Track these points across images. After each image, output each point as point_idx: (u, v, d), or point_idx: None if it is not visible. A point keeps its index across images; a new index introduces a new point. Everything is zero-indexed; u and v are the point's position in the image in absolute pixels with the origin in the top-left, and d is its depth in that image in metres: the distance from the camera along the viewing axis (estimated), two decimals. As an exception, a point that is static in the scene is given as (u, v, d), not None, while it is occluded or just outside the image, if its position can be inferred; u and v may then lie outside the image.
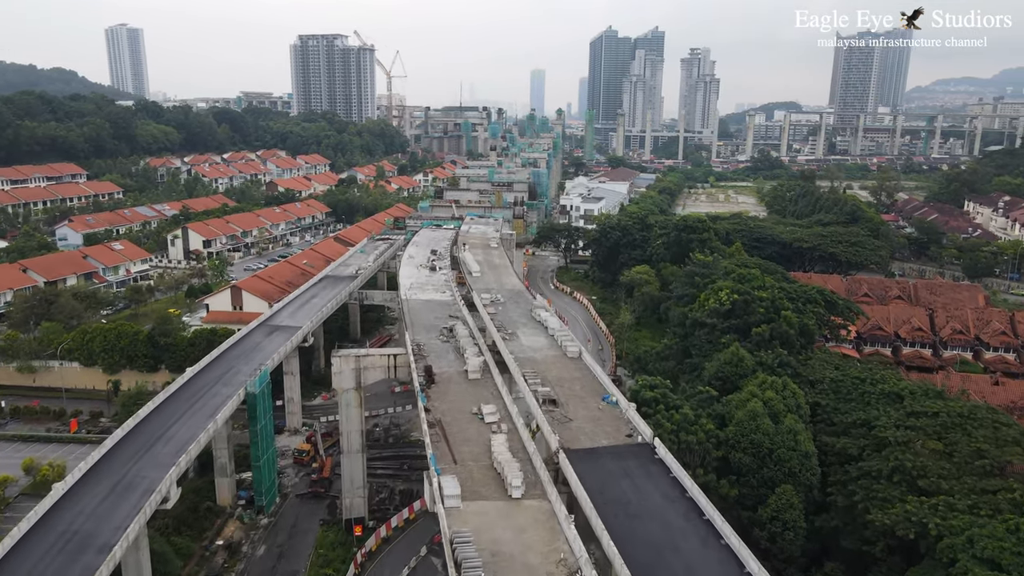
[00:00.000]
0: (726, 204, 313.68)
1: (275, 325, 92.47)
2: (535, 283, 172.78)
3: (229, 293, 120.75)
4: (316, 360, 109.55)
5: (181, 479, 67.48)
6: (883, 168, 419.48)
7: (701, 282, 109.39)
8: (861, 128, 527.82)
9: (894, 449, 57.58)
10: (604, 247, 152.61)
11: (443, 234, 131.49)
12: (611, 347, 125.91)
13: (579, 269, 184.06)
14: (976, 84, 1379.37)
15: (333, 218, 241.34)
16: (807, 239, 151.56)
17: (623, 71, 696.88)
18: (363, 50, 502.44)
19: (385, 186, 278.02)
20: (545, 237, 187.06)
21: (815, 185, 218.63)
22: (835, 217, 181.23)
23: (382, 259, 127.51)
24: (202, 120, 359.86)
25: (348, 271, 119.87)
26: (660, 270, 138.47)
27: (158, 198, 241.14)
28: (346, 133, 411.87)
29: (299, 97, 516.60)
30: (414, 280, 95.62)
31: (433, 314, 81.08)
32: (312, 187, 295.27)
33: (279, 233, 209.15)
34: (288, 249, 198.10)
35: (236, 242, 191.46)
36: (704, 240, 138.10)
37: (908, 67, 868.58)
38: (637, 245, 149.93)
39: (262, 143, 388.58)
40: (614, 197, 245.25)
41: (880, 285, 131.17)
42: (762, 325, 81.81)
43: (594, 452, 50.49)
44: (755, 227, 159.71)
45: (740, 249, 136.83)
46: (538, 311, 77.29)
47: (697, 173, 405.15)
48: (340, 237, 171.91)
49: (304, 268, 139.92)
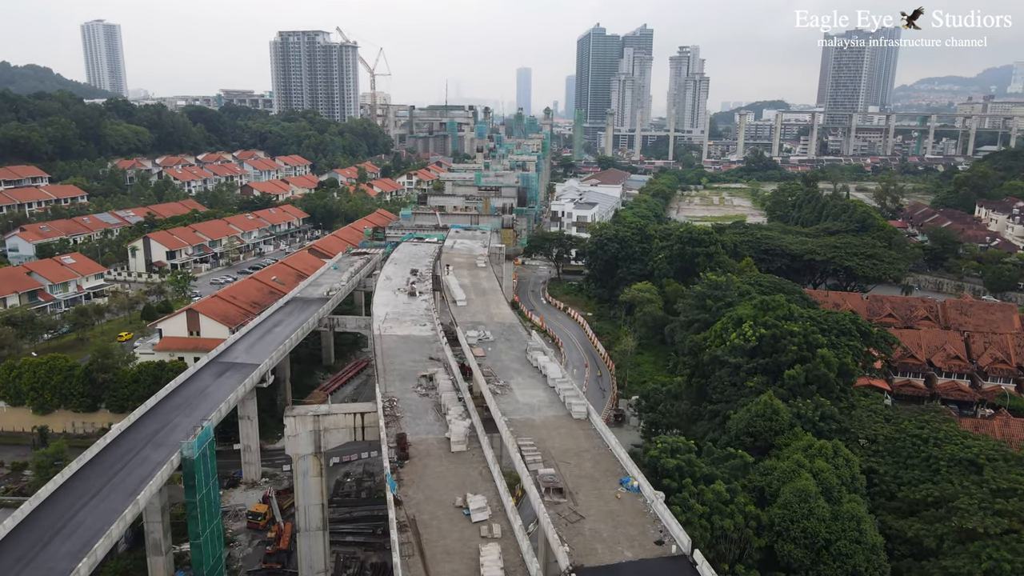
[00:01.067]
0: (721, 208, 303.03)
1: (229, 362, 79.66)
2: (525, 296, 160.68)
3: (185, 317, 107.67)
4: (280, 394, 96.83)
5: (107, 557, 55.20)
6: (886, 171, 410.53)
7: (714, 306, 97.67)
8: (854, 128, 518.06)
9: (985, 544, 45.84)
10: (600, 260, 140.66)
11: (425, 249, 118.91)
12: (611, 374, 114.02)
13: (572, 280, 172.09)
14: (960, 83, 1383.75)
15: (311, 224, 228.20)
16: (819, 251, 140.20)
17: (611, 70, 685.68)
18: (345, 47, 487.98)
19: (367, 190, 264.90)
20: (536, 247, 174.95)
21: (818, 189, 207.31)
22: (843, 225, 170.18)
23: (357, 277, 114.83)
24: (176, 120, 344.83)
25: (319, 292, 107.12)
26: (663, 287, 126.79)
27: (125, 203, 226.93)
28: (327, 133, 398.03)
29: (279, 96, 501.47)
30: (390, 309, 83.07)
31: (411, 355, 68.61)
32: (290, 190, 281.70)
33: (252, 242, 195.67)
34: (261, 260, 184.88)
35: (203, 252, 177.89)
36: (711, 254, 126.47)
37: (896, 66, 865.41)
38: (636, 258, 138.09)
39: (240, 143, 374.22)
40: (607, 202, 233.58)
41: (904, 305, 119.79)
42: (795, 366, 69.93)
43: (616, 571, 38.26)
44: (763, 238, 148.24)
45: (751, 265, 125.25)
46: (535, 354, 64.96)
47: (689, 175, 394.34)
48: (315, 248, 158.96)
49: (272, 286, 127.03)
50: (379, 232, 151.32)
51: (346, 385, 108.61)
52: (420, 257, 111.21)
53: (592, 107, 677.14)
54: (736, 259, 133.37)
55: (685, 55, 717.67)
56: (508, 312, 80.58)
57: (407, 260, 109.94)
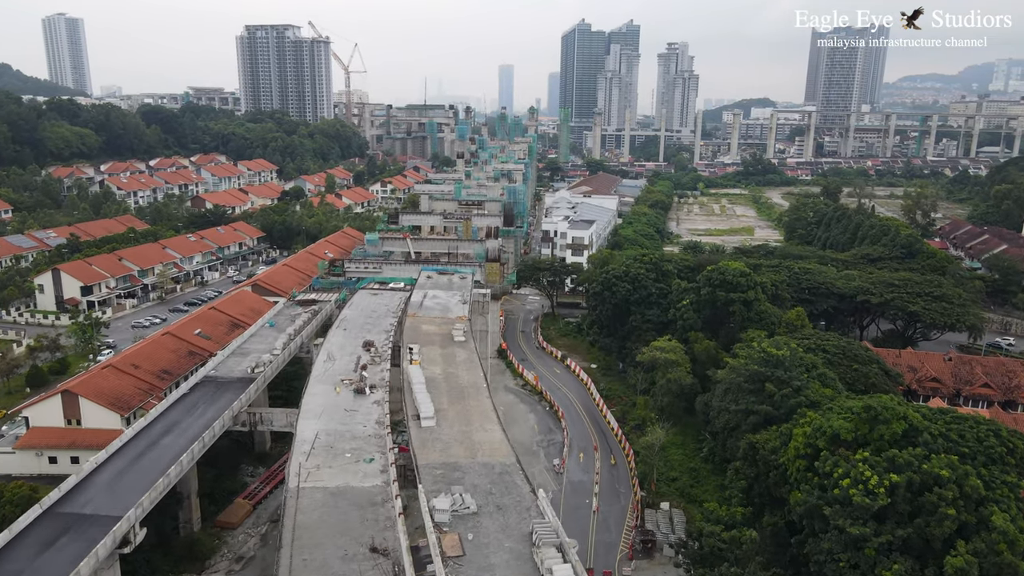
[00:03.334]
0: (724, 218, 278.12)
1: (73, 514, 52.42)
2: (514, 339, 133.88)
3: (60, 400, 79.99)
4: (185, 515, 69.55)
5: None
6: (890, 174, 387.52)
7: (777, 394, 71.51)
8: (852, 129, 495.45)
9: None
10: (608, 304, 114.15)
11: (387, 303, 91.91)
12: (629, 465, 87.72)
13: (569, 317, 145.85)
14: (942, 80, 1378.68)
15: (267, 243, 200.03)
16: (875, 290, 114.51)
17: (597, 67, 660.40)
18: (317, 43, 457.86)
19: (334, 202, 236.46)
20: (527, 277, 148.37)
21: (845, 206, 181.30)
22: (885, 250, 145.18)
23: (297, 341, 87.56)
24: (127, 121, 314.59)
25: (242, 366, 79.86)
26: (690, 342, 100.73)
27: (53, 219, 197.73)
28: (296, 135, 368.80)
29: (247, 94, 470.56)
30: (324, 424, 56.20)
31: (341, 540, 41.86)
32: (249, 201, 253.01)
33: (193, 268, 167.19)
34: (202, 292, 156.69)
35: (131, 285, 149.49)
36: (749, 301, 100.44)
37: (885, 64, 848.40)
38: (653, 302, 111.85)
39: (200, 146, 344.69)
40: (603, 216, 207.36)
41: (999, 370, 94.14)
42: (958, 543, 43.83)
43: None
44: (802, 273, 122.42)
45: (802, 317, 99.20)
46: (546, 553, 38.18)
47: (684, 179, 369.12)
48: (261, 284, 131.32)
49: (194, 343, 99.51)
50: (336, 267, 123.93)
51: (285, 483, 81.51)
52: (379, 317, 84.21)
53: (578, 105, 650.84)
54: (777, 303, 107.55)
55: (673, 52, 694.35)
56: (499, 438, 53.72)
57: (362, 321, 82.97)
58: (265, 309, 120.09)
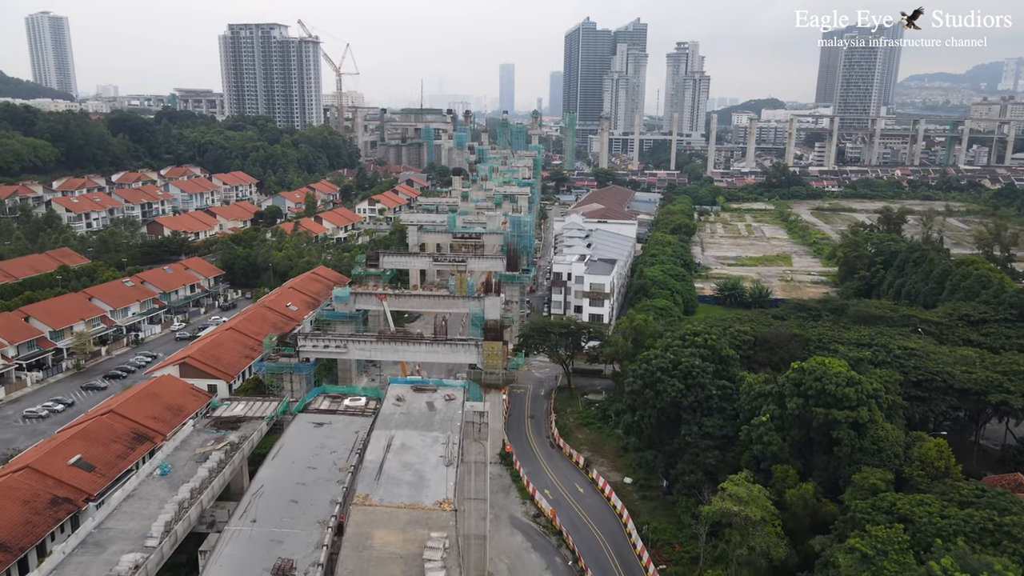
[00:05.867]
0: (752, 241, 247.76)
1: None
2: (521, 434, 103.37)
3: None
4: None
5: None
6: (924, 187, 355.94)
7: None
8: (878, 134, 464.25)
9: None
10: (652, 408, 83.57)
11: (333, 449, 61.36)
12: None
13: (589, 389, 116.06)
14: (950, 79, 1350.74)
15: (228, 282, 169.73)
16: (1013, 387, 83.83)
17: (603, 67, 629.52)
18: (306, 43, 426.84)
19: (311, 228, 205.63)
20: (535, 343, 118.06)
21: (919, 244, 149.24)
22: (989, 310, 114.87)
23: (195, 509, 56.81)
24: (90, 130, 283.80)
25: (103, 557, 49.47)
26: (774, 480, 70.50)
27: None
28: (279, 144, 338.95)
29: (231, 98, 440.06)
30: None
31: None
32: (217, 225, 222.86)
33: (127, 323, 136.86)
34: (133, 355, 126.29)
35: (41, 349, 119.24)
36: (861, 425, 70.10)
37: (899, 64, 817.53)
38: (714, 407, 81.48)
39: (174, 157, 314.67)
40: (622, 247, 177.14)
41: None
42: None
43: None
44: (905, 356, 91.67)
45: (944, 452, 68.63)
46: None
47: (702, 192, 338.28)
48: (192, 363, 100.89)
49: (59, 486, 68.94)
50: (287, 345, 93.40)
51: None
52: (314, 487, 53.77)
53: (583, 107, 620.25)
54: (890, 416, 76.96)
55: (683, 52, 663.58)
56: None
57: (286, 496, 52.39)
58: (190, 407, 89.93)
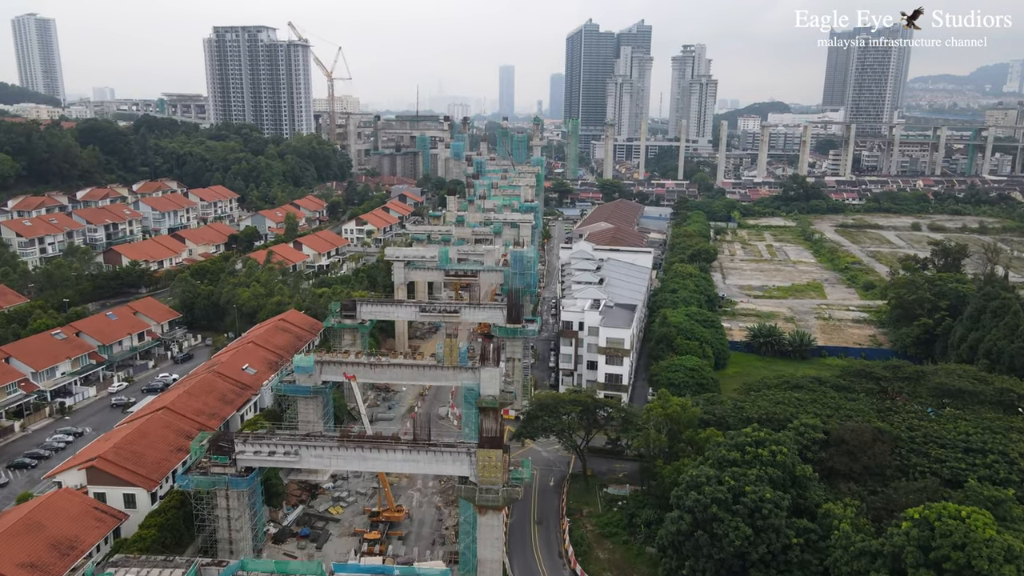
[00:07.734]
0: (776, 265, 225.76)
1: None
2: (526, 550, 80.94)
3: None
4: None
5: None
6: (952, 199, 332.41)
7: None
8: (897, 142, 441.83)
9: None
10: (707, 559, 61.31)
11: None
12: None
13: (610, 477, 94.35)
14: (955, 81, 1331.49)
15: (186, 326, 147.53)
16: None
17: (606, 70, 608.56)
18: (295, 46, 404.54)
19: (287, 257, 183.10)
20: (545, 423, 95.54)
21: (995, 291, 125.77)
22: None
23: None
24: (56, 143, 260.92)
25: None
26: None
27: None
28: (264, 155, 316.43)
29: (216, 105, 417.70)
30: None
31: None
32: (186, 251, 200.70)
33: (53, 387, 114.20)
34: (52, 433, 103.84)
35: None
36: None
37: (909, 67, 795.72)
38: (793, 562, 59.25)
39: (150, 170, 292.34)
40: (638, 280, 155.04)
41: None
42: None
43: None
44: None
45: None
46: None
47: (715, 207, 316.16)
48: (102, 465, 78.41)
49: None
50: (221, 453, 70.93)
51: None
52: None
53: (585, 112, 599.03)
54: None
55: (689, 55, 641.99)
56: None
57: None
58: (86, 541, 67.63)
